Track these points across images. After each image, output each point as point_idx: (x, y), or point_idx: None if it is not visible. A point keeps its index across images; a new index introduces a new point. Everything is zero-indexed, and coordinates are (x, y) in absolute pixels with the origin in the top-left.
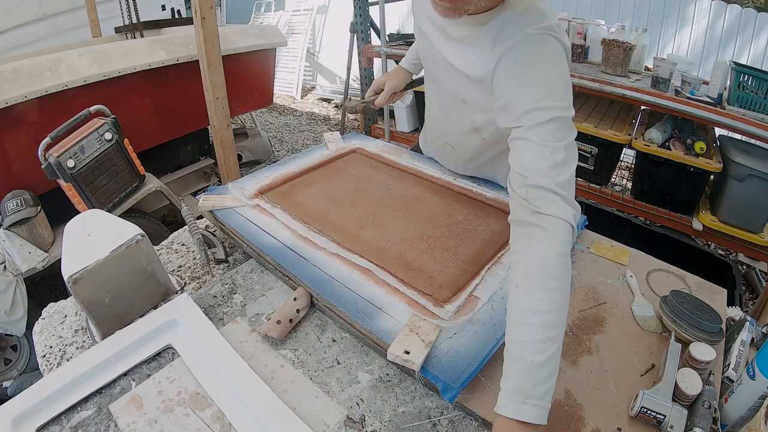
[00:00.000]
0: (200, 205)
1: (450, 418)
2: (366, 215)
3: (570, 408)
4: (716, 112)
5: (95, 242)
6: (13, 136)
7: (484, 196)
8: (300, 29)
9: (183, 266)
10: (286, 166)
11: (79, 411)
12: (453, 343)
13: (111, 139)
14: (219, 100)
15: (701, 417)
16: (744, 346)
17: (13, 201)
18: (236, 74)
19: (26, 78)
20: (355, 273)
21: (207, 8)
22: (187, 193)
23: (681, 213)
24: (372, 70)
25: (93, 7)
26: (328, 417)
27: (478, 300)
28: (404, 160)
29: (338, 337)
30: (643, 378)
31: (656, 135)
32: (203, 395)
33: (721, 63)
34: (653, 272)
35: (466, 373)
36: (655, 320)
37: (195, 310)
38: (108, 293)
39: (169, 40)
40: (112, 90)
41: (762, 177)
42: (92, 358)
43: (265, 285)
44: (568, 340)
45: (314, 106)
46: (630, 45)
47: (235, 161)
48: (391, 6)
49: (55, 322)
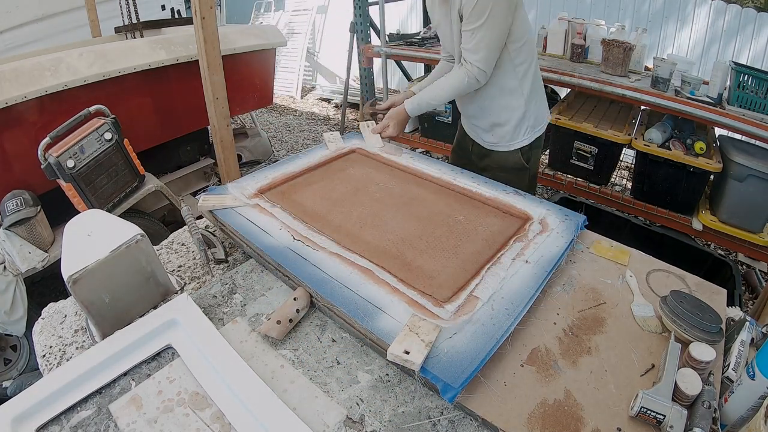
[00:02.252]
0: (200, 205)
1: (450, 418)
2: (366, 215)
3: (570, 408)
4: (716, 112)
5: (95, 242)
6: (13, 136)
7: (483, 196)
8: (300, 29)
9: (183, 266)
10: (286, 165)
11: (78, 411)
12: (453, 343)
13: (111, 139)
14: (219, 100)
15: (701, 417)
16: (744, 346)
17: (13, 201)
18: (236, 74)
19: (26, 78)
20: (355, 273)
21: (207, 8)
22: (186, 193)
23: (681, 213)
24: (372, 70)
25: (93, 7)
26: (327, 417)
27: (478, 300)
28: (404, 160)
29: (338, 337)
30: (642, 378)
31: (656, 135)
32: (203, 395)
33: (721, 63)
34: (653, 272)
35: (465, 373)
36: (655, 320)
37: (195, 310)
38: (108, 293)
39: (169, 40)
40: (112, 90)
41: (762, 177)
42: (92, 358)
43: (264, 285)
44: (568, 340)
45: (314, 106)
46: (630, 45)
47: (235, 161)
48: (391, 6)
49: (55, 322)
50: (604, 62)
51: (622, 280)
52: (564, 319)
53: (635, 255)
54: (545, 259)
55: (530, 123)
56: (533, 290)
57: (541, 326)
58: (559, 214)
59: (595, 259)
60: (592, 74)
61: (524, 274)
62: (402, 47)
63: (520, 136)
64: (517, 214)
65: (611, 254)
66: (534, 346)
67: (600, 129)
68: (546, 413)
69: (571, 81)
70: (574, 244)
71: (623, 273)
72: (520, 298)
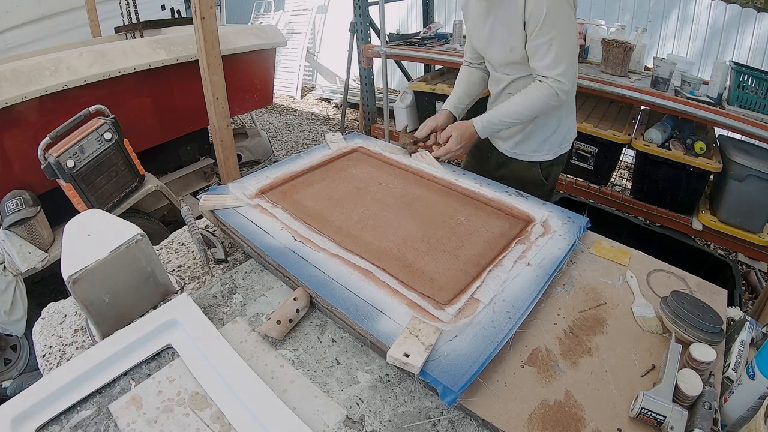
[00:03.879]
0: (201, 204)
1: (450, 418)
2: (367, 215)
3: (570, 409)
4: (716, 112)
5: (95, 242)
6: (13, 136)
7: (485, 197)
8: (300, 29)
9: (183, 266)
10: (287, 165)
11: (78, 411)
12: (453, 346)
13: (111, 139)
14: (219, 100)
15: (701, 418)
16: (744, 347)
17: (13, 201)
18: (236, 74)
19: (26, 78)
20: (356, 274)
21: (207, 8)
22: (186, 193)
23: (681, 213)
24: (372, 70)
25: (93, 7)
26: (327, 417)
27: (479, 303)
28: (407, 160)
29: (338, 337)
30: (643, 379)
31: (656, 135)
32: (203, 395)
33: (720, 63)
34: (654, 273)
35: (465, 376)
36: (656, 321)
37: (195, 310)
38: (108, 293)
39: (169, 40)
40: (112, 90)
41: (762, 177)
42: (92, 358)
43: (264, 285)
44: (568, 341)
45: (314, 106)
46: (630, 45)
47: (234, 161)
48: (391, 6)
49: (54, 322)
50: (604, 62)
51: (622, 281)
52: (564, 320)
53: (636, 255)
54: (547, 261)
55: (558, 139)
56: (535, 293)
57: (541, 327)
58: (561, 216)
59: (596, 260)
60: (592, 74)
61: (526, 277)
62: (402, 47)
63: (545, 150)
64: (520, 215)
65: (612, 255)
66: (534, 346)
67: (600, 129)
68: (546, 414)
69: None
70: (576, 246)
71: (624, 273)
72: (521, 301)
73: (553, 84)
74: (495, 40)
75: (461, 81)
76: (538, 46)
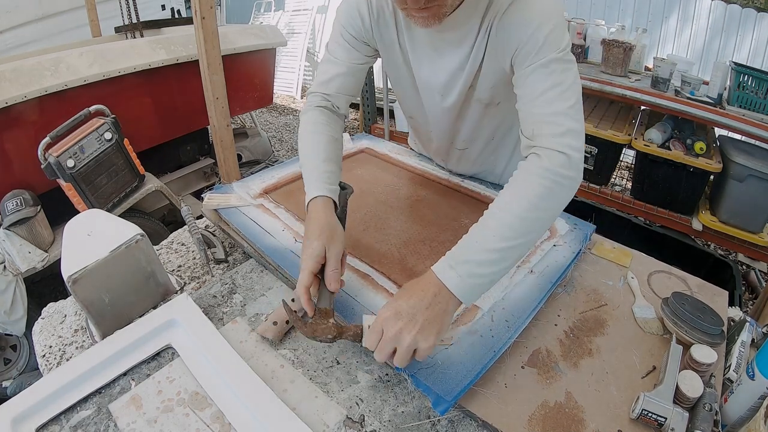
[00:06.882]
0: (205, 203)
1: (450, 418)
2: (369, 217)
3: (570, 410)
4: (716, 112)
5: (95, 242)
6: (13, 136)
7: (491, 199)
8: (300, 29)
9: (183, 266)
10: (293, 165)
11: (78, 411)
12: (449, 353)
13: (111, 138)
14: (219, 100)
15: (702, 419)
16: (744, 347)
17: (13, 201)
18: (236, 74)
19: (26, 78)
20: (354, 278)
21: (207, 8)
22: (186, 193)
23: (681, 213)
24: (372, 69)
25: (93, 7)
26: (327, 417)
27: (478, 310)
28: (413, 161)
29: None
30: (644, 380)
31: (656, 135)
32: (203, 395)
33: (721, 63)
34: (654, 274)
35: (460, 386)
36: (657, 322)
37: (195, 310)
38: (108, 293)
39: (169, 40)
40: (112, 90)
41: (762, 177)
42: (92, 358)
43: (264, 285)
44: (569, 342)
45: None
46: (630, 45)
47: (234, 161)
48: None
49: (54, 322)
50: (604, 62)
51: (623, 282)
52: (565, 321)
53: (637, 256)
54: (550, 269)
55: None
56: (536, 302)
57: (541, 328)
58: (568, 222)
59: (597, 261)
60: (592, 74)
61: (528, 285)
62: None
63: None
64: None
65: (613, 255)
66: (535, 347)
67: (600, 129)
68: (547, 415)
69: None
70: (582, 253)
71: (625, 274)
72: (521, 309)
73: (567, 154)
74: (469, 106)
75: (323, 139)
76: (542, 97)
